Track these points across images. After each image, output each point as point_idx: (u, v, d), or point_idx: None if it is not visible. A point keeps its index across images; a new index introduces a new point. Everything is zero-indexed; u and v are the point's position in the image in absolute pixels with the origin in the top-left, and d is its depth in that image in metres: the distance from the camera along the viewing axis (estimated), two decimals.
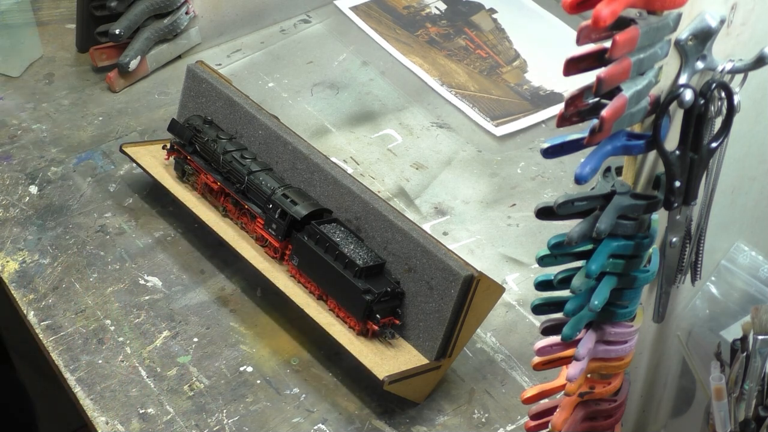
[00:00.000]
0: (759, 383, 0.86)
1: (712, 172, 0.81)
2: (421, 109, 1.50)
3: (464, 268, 1.06)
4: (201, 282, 1.24)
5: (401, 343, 1.11)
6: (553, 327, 0.81)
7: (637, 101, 0.71)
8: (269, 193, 1.18)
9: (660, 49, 0.70)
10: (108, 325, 1.18)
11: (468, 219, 1.34)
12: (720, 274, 0.94)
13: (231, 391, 1.12)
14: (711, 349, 0.90)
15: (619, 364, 0.84)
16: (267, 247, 1.19)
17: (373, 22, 1.66)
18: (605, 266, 0.76)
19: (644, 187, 0.78)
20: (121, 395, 1.11)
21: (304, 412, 1.10)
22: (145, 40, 1.50)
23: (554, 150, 0.74)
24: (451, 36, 1.64)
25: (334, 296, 1.12)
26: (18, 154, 1.41)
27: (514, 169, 1.41)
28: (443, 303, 1.07)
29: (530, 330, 1.19)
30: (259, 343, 1.17)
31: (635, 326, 0.82)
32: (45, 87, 1.52)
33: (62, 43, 1.60)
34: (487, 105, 1.51)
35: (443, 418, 1.10)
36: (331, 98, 1.52)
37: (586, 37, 0.67)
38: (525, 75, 1.56)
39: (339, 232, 1.14)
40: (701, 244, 0.85)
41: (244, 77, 1.54)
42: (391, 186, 1.38)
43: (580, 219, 0.75)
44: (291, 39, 1.63)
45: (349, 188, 1.17)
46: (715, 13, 0.72)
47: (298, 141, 1.24)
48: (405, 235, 1.11)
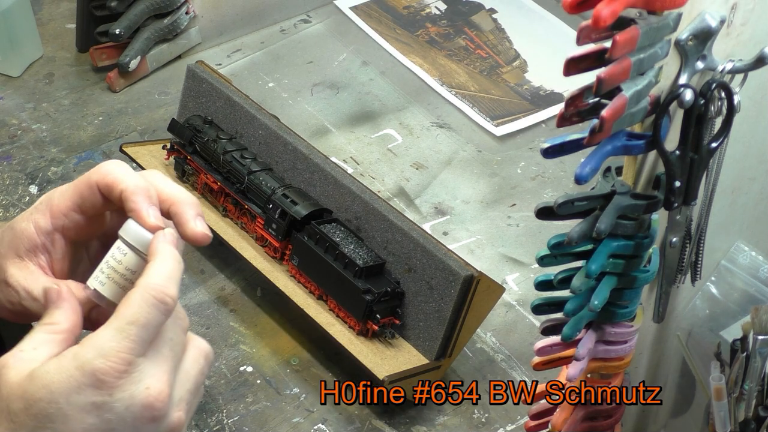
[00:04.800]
0: (759, 383, 0.86)
1: (712, 172, 0.81)
2: (421, 109, 1.50)
3: (464, 268, 1.06)
4: (201, 282, 1.24)
5: (401, 343, 1.11)
6: (553, 327, 0.81)
7: (637, 101, 0.70)
8: (269, 193, 1.18)
9: (660, 49, 0.70)
10: None
11: (468, 219, 1.34)
12: (720, 274, 0.94)
13: (231, 391, 1.12)
14: (711, 349, 0.90)
15: (619, 364, 0.84)
16: (267, 247, 1.19)
17: (373, 22, 1.66)
18: (605, 266, 0.76)
19: (644, 187, 0.78)
20: None
21: (304, 412, 1.10)
22: (145, 40, 1.50)
23: (554, 150, 0.74)
24: (451, 36, 1.64)
25: (334, 296, 1.12)
26: (18, 154, 1.41)
27: (514, 169, 1.41)
28: (443, 303, 1.07)
29: (530, 330, 1.19)
30: (259, 343, 1.17)
31: (635, 326, 0.82)
32: (45, 87, 1.52)
33: (62, 43, 1.60)
34: (487, 105, 1.51)
35: (443, 418, 1.10)
36: (331, 98, 1.52)
37: (586, 37, 0.67)
38: (525, 75, 1.57)
39: (339, 232, 1.14)
40: (701, 244, 0.85)
41: (244, 77, 1.54)
42: (391, 186, 1.38)
43: (580, 219, 0.75)
44: (291, 39, 1.63)
45: (349, 188, 1.17)
46: (715, 13, 0.72)
47: (298, 141, 1.24)
48: (405, 235, 1.11)
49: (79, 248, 0.82)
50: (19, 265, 0.79)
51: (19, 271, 0.79)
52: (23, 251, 0.79)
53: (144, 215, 0.73)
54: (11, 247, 0.80)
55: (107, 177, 0.76)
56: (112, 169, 0.76)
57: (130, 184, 0.75)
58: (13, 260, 0.79)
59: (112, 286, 0.73)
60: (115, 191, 0.75)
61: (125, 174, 0.75)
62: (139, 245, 0.72)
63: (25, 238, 0.79)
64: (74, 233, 0.79)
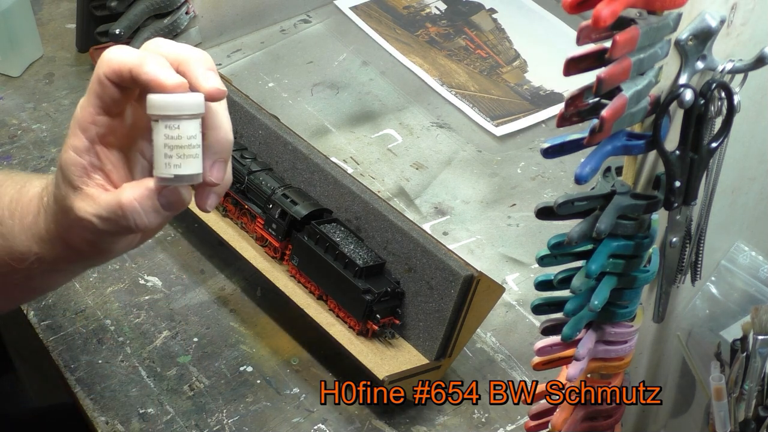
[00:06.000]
0: (759, 383, 0.86)
1: (712, 172, 0.81)
2: (421, 109, 1.50)
3: (464, 268, 1.06)
4: (201, 282, 1.24)
5: (401, 343, 1.11)
6: (553, 327, 0.81)
7: (637, 101, 0.70)
8: (269, 193, 1.18)
9: (660, 49, 0.70)
10: (108, 325, 1.18)
11: (468, 219, 1.34)
12: (720, 274, 0.94)
13: (231, 391, 1.12)
14: (711, 349, 0.90)
15: (619, 364, 0.84)
16: (267, 247, 1.19)
17: (373, 22, 1.66)
18: (605, 266, 0.76)
19: (644, 187, 0.78)
20: (121, 395, 1.11)
21: (304, 412, 1.10)
22: (145, 40, 1.49)
23: (554, 150, 0.74)
24: (451, 36, 1.64)
25: (334, 296, 1.12)
26: (18, 154, 1.41)
27: (514, 169, 1.41)
28: (443, 303, 1.07)
29: (530, 330, 1.19)
30: (259, 343, 1.17)
31: (635, 326, 0.82)
32: (45, 87, 1.52)
33: (62, 43, 1.60)
34: (487, 105, 1.51)
35: (443, 418, 1.10)
36: (331, 98, 1.52)
37: (586, 37, 0.67)
38: (525, 75, 1.57)
39: (339, 232, 1.14)
40: (701, 244, 0.85)
41: (244, 77, 1.54)
42: (391, 186, 1.38)
43: (580, 219, 0.75)
44: (291, 39, 1.63)
45: (349, 188, 1.17)
46: (715, 13, 0.72)
47: (298, 141, 1.24)
48: (405, 235, 1.11)
49: (130, 154, 0.80)
50: (80, 196, 0.78)
51: (83, 201, 0.77)
52: (77, 180, 0.77)
53: (163, 82, 0.72)
54: (65, 183, 0.78)
55: (112, 64, 0.74)
56: (113, 55, 0.75)
57: (136, 60, 0.73)
58: (74, 195, 0.77)
59: (189, 161, 0.70)
60: (125, 74, 0.74)
61: (128, 54, 0.74)
62: (179, 111, 0.70)
63: (71, 165, 0.77)
64: (114, 139, 0.78)
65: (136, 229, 0.77)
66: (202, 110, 0.73)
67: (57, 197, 0.80)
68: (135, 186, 0.76)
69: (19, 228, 0.85)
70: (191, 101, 0.71)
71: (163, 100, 0.71)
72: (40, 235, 0.84)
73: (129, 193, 0.75)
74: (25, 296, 1.08)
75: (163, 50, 0.75)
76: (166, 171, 0.72)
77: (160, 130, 0.71)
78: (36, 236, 0.84)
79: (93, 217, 0.77)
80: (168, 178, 0.72)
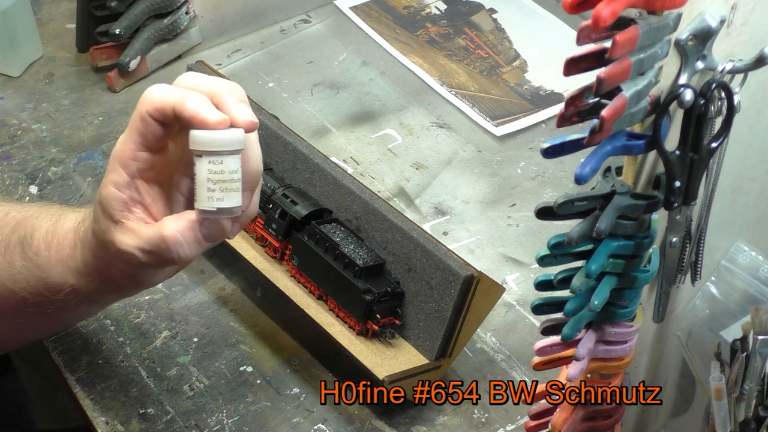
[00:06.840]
0: (759, 383, 0.86)
1: (712, 172, 0.81)
2: (421, 109, 1.50)
3: (464, 268, 1.06)
4: (201, 282, 1.24)
5: (401, 343, 1.11)
6: (553, 327, 0.81)
7: (637, 101, 0.71)
8: (269, 193, 1.18)
9: (660, 49, 0.70)
10: (108, 325, 1.18)
11: (468, 219, 1.34)
12: (720, 274, 0.94)
13: (231, 391, 1.12)
14: (711, 349, 0.90)
15: (619, 364, 0.84)
16: (267, 247, 1.19)
17: (373, 22, 1.66)
18: (605, 266, 0.76)
19: (644, 187, 0.78)
20: (121, 395, 1.11)
21: (304, 412, 1.10)
22: (146, 40, 1.50)
23: (554, 150, 0.74)
24: (451, 36, 1.64)
25: (334, 296, 1.12)
26: (18, 154, 1.41)
27: (514, 169, 1.41)
28: (443, 303, 1.07)
29: (530, 330, 1.19)
30: (259, 343, 1.17)
31: (635, 326, 0.82)
32: (45, 87, 1.52)
33: (62, 43, 1.60)
34: (487, 105, 1.51)
35: (443, 418, 1.10)
36: (331, 98, 1.52)
37: (586, 37, 0.67)
38: (525, 75, 1.57)
39: (339, 232, 1.14)
40: (701, 244, 0.85)
41: (244, 77, 1.54)
42: (391, 186, 1.38)
43: (580, 219, 0.75)
44: (291, 39, 1.63)
45: (349, 188, 1.17)
46: (715, 13, 0.72)
47: (298, 141, 1.24)
48: (405, 235, 1.11)
49: (169, 189, 0.82)
50: (121, 229, 0.79)
51: (124, 235, 0.79)
52: (118, 214, 0.79)
53: (206, 118, 0.74)
54: (105, 217, 0.80)
55: (155, 102, 0.76)
56: (155, 93, 0.77)
57: (178, 97, 0.75)
58: (114, 229, 0.79)
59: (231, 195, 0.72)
60: (168, 112, 0.76)
61: (169, 91, 0.77)
62: (222, 147, 0.72)
63: (112, 200, 0.79)
64: (153, 174, 0.80)
65: (178, 261, 0.79)
66: (242, 146, 0.75)
67: (96, 231, 0.81)
68: (176, 219, 0.78)
69: (56, 260, 0.86)
70: (234, 137, 0.73)
71: (207, 137, 0.73)
72: (76, 267, 0.85)
73: (171, 226, 0.77)
74: (54, 327, 1.10)
75: (196, 84, 0.77)
76: (209, 204, 0.74)
77: (203, 165, 0.73)
78: (72, 269, 0.86)
79: (135, 250, 0.78)
80: (211, 210, 0.74)
